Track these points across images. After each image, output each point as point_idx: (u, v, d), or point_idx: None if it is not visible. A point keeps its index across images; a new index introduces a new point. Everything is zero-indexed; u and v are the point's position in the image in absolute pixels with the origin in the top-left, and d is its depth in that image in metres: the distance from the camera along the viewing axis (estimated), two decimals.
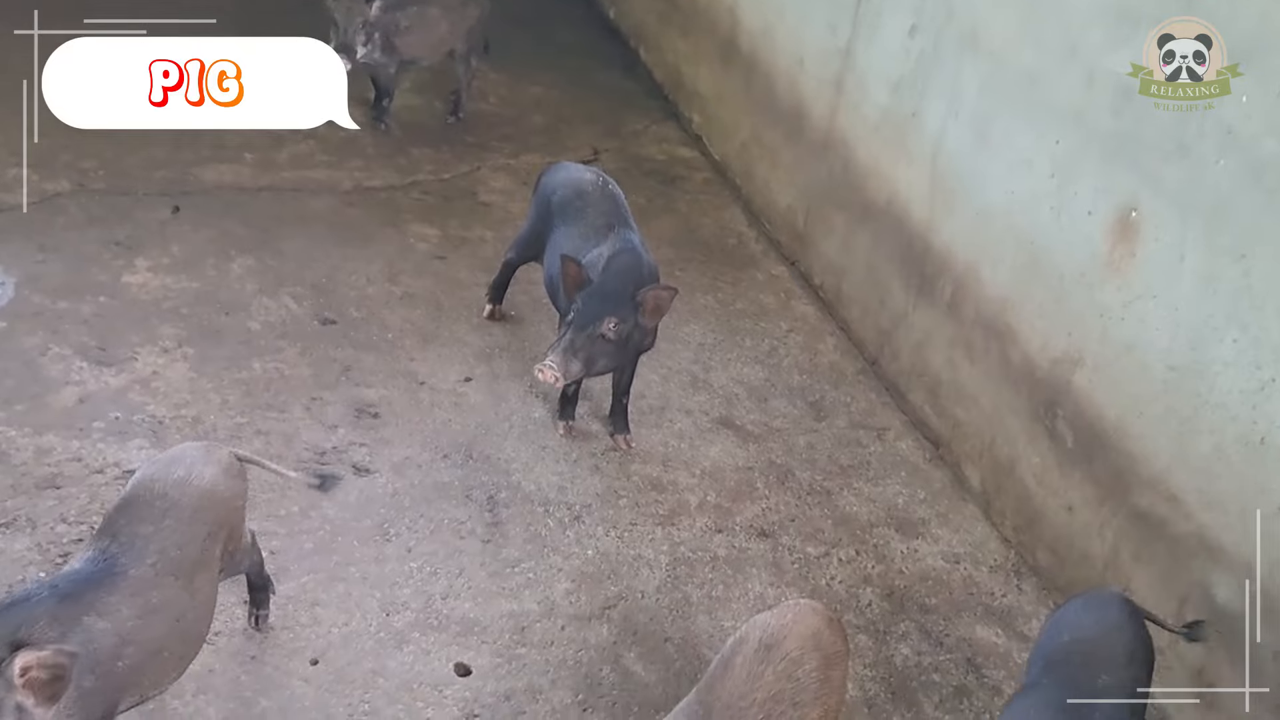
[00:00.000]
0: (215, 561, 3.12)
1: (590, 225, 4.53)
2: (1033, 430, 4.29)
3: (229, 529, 3.19)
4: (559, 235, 4.59)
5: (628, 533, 4.21)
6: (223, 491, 3.16)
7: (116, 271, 5.02)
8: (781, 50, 5.92)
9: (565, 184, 4.72)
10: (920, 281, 4.87)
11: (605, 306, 4.19)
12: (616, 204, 4.65)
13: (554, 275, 4.49)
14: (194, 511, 3.05)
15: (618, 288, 4.25)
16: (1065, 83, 4.08)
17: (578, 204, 4.61)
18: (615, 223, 4.54)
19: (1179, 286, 3.66)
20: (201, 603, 3.05)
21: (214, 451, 3.24)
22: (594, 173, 4.81)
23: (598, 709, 3.58)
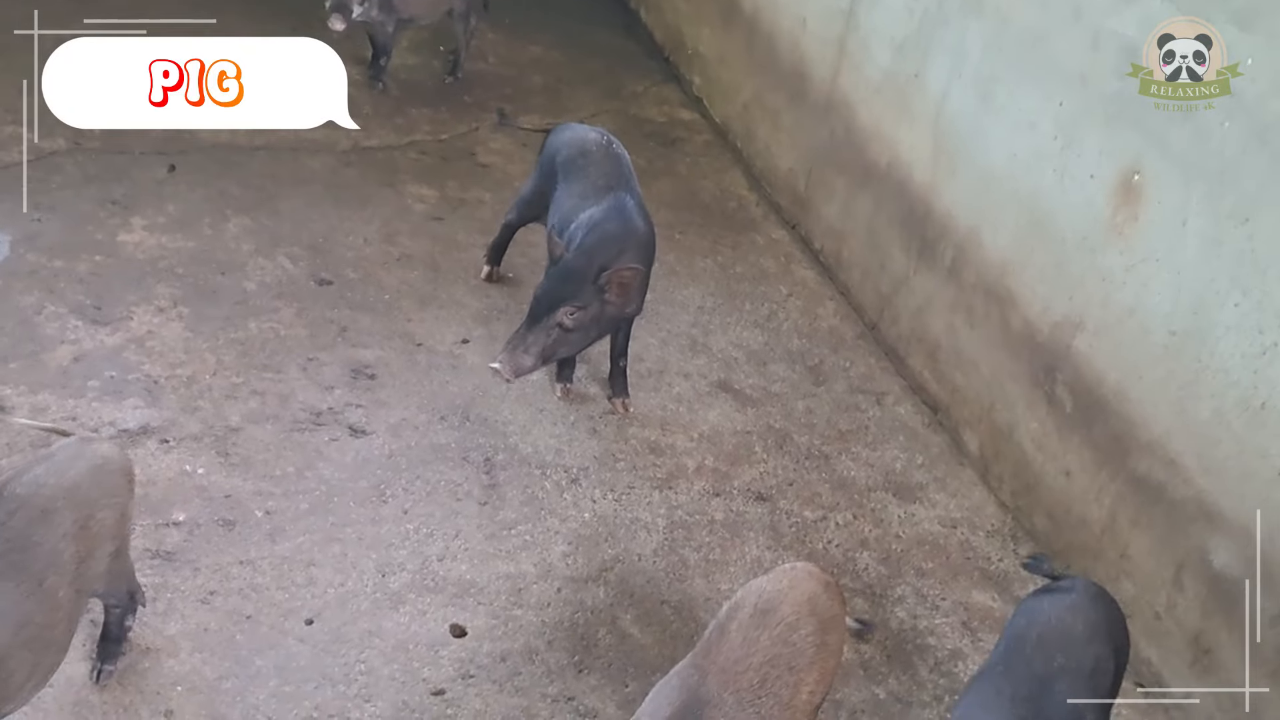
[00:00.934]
0: (73, 565, 2.82)
1: (590, 185, 4.44)
2: (1032, 395, 4.27)
3: (99, 529, 2.92)
4: (560, 194, 4.52)
5: (625, 495, 4.20)
6: (89, 489, 2.90)
7: (112, 230, 4.99)
8: (784, 10, 5.86)
9: (570, 143, 4.63)
10: (921, 245, 4.84)
11: (564, 289, 4.06)
12: (620, 164, 4.56)
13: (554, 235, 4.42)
14: (45, 511, 2.78)
15: (582, 266, 4.09)
16: (1070, 44, 4.03)
17: (580, 162, 4.53)
18: (615, 184, 4.44)
19: (1182, 250, 3.64)
20: (55, 609, 2.76)
21: (89, 446, 3.00)
22: (599, 132, 4.71)
23: (594, 670, 3.58)
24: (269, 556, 3.73)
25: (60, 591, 2.78)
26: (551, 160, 4.66)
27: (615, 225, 4.25)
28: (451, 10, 6.36)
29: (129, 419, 4.10)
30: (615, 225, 4.25)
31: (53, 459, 2.91)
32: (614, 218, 4.27)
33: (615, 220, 4.26)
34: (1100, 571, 3.97)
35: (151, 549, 3.67)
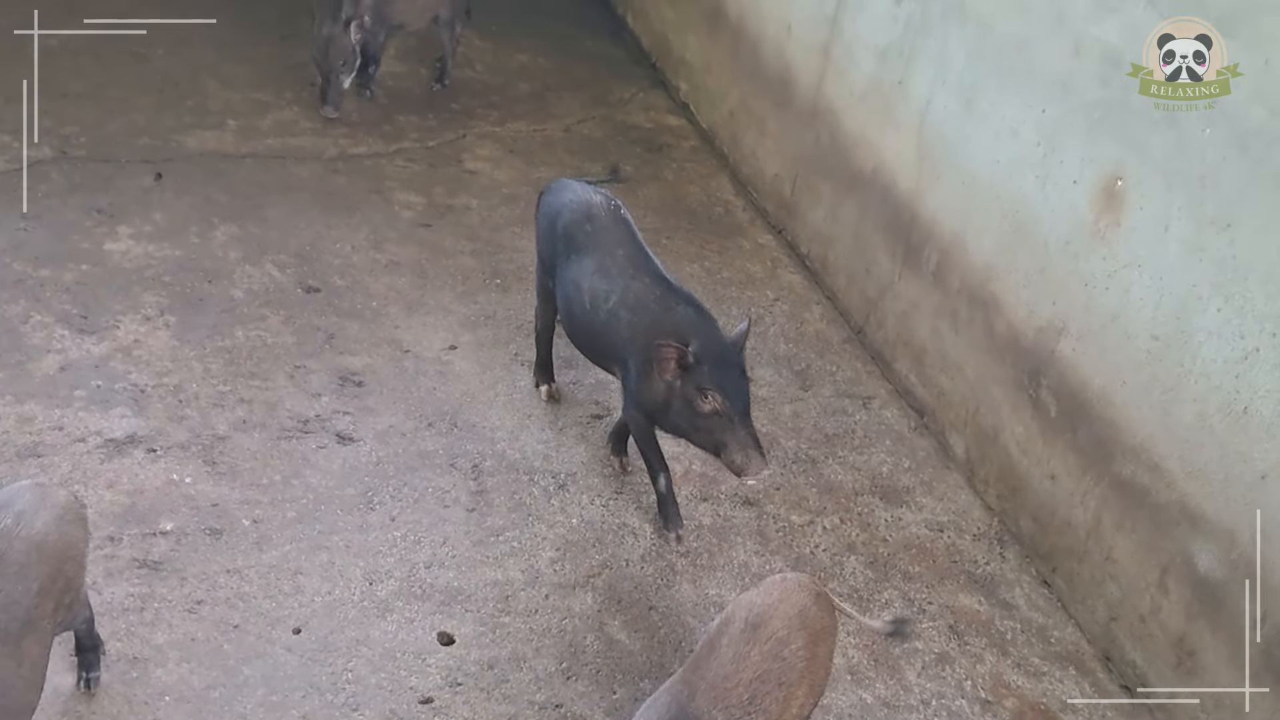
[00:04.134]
0: (48, 620, 2.79)
1: (607, 257, 4.08)
2: (1016, 399, 4.29)
3: (65, 583, 2.87)
4: (571, 268, 4.14)
5: (613, 501, 4.21)
6: (56, 542, 2.83)
7: (99, 239, 4.99)
8: (769, 17, 5.89)
9: (571, 207, 4.25)
10: (906, 251, 4.87)
11: (745, 380, 3.81)
12: (630, 231, 4.20)
13: (574, 311, 4.12)
14: (22, 566, 2.72)
15: (738, 356, 3.82)
16: (1052, 51, 4.06)
17: (587, 229, 4.16)
18: (636, 255, 4.09)
19: (1164, 256, 3.66)
20: (29, 670, 2.70)
21: (50, 494, 2.92)
22: (602, 195, 4.33)
23: (581, 677, 3.58)
24: (256, 565, 3.73)
25: (36, 652, 2.74)
26: (550, 226, 4.29)
27: (699, 311, 3.94)
28: (437, 17, 6.38)
29: (116, 428, 4.10)
30: (699, 311, 3.94)
31: (14, 508, 2.82)
32: (692, 304, 3.96)
33: (695, 307, 3.95)
34: (1085, 574, 4.00)
35: (139, 559, 3.67)
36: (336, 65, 5.92)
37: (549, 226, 4.29)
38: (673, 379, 3.75)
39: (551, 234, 4.27)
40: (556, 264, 4.24)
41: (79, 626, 3.17)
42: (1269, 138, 3.31)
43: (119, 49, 6.34)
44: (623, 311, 3.97)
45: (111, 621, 3.45)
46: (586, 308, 4.06)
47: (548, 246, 4.30)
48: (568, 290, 4.14)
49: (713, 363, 3.72)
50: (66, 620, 2.99)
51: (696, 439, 3.83)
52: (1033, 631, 4.01)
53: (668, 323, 3.86)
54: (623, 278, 4.02)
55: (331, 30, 5.84)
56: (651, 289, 3.99)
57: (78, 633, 3.21)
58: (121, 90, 6.04)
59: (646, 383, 3.87)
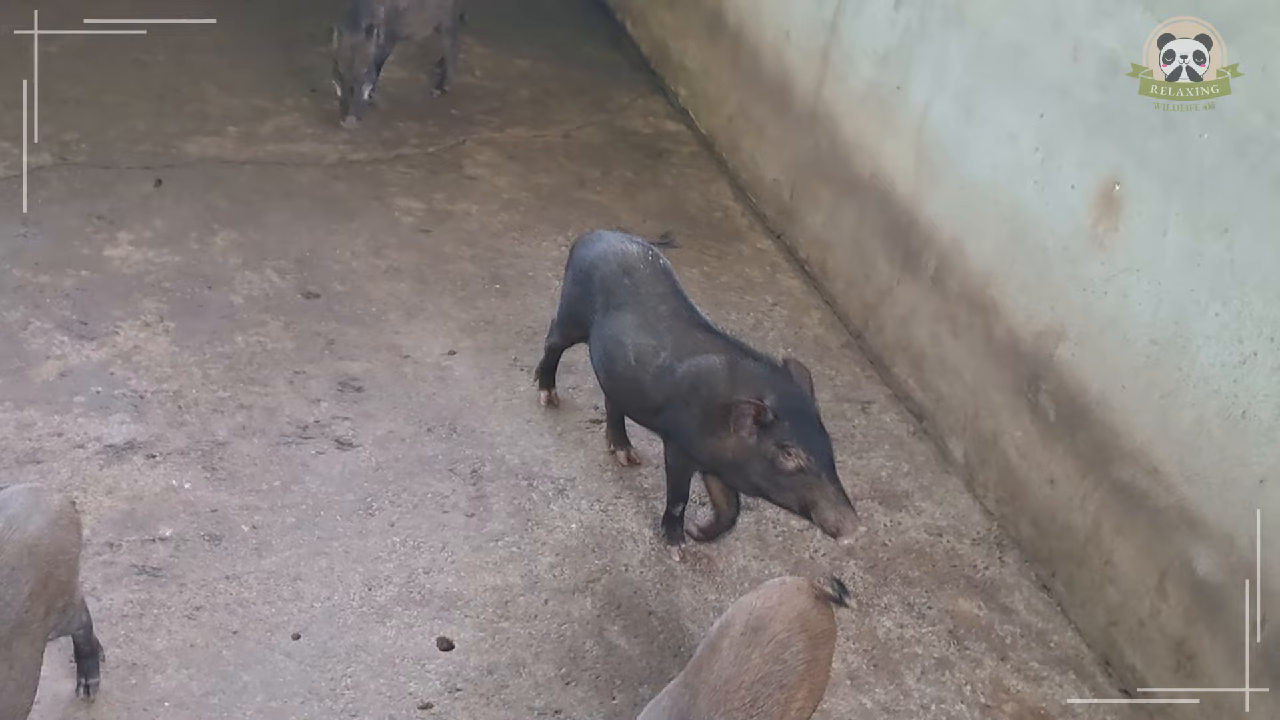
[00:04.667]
0: (40, 624, 2.79)
1: (650, 311, 3.94)
2: (1016, 404, 4.29)
3: (57, 587, 2.87)
4: (611, 322, 4.00)
5: (612, 506, 4.21)
6: (49, 545, 2.84)
7: (98, 245, 5.00)
8: (768, 23, 5.90)
9: (608, 257, 4.10)
10: (905, 256, 4.87)
11: (825, 434, 3.67)
12: (673, 283, 4.07)
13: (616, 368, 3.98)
14: (13, 569, 2.73)
15: (812, 406, 3.70)
16: (1051, 56, 4.06)
17: (626, 283, 4.02)
18: (681, 308, 3.97)
19: (1162, 260, 3.66)
20: (21, 672, 2.70)
21: (43, 497, 2.93)
22: (638, 244, 4.18)
23: (581, 682, 3.58)
24: (255, 571, 3.73)
25: (28, 654, 2.74)
26: (587, 278, 4.14)
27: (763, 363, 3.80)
28: (439, 25, 6.39)
29: (115, 434, 4.10)
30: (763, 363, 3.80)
31: (6, 511, 2.83)
32: (757, 357, 3.82)
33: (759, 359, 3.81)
34: (1084, 579, 4.00)
35: (138, 565, 3.67)
36: (360, 74, 5.88)
37: (583, 279, 4.14)
38: (748, 436, 3.59)
39: (586, 287, 4.12)
40: (592, 318, 4.08)
41: (77, 632, 3.17)
42: (1267, 143, 3.31)
43: (119, 55, 6.35)
44: (677, 366, 3.81)
45: (110, 628, 3.45)
46: (632, 363, 3.90)
47: (582, 300, 4.15)
48: (608, 346, 3.98)
49: (792, 418, 3.57)
50: (61, 625, 2.99)
51: (779, 497, 3.67)
52: (1032, 636, 4.01)
53: (735, 378, 3.70)
54: (671, 333, 3.87)
55: (354, 39, 5.82)
56: (706, 343, 3.84)
57: (76, 639, 3.20)
58: (121, 96, 6.06)
59: (715, 441, 3.70)
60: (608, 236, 4.25)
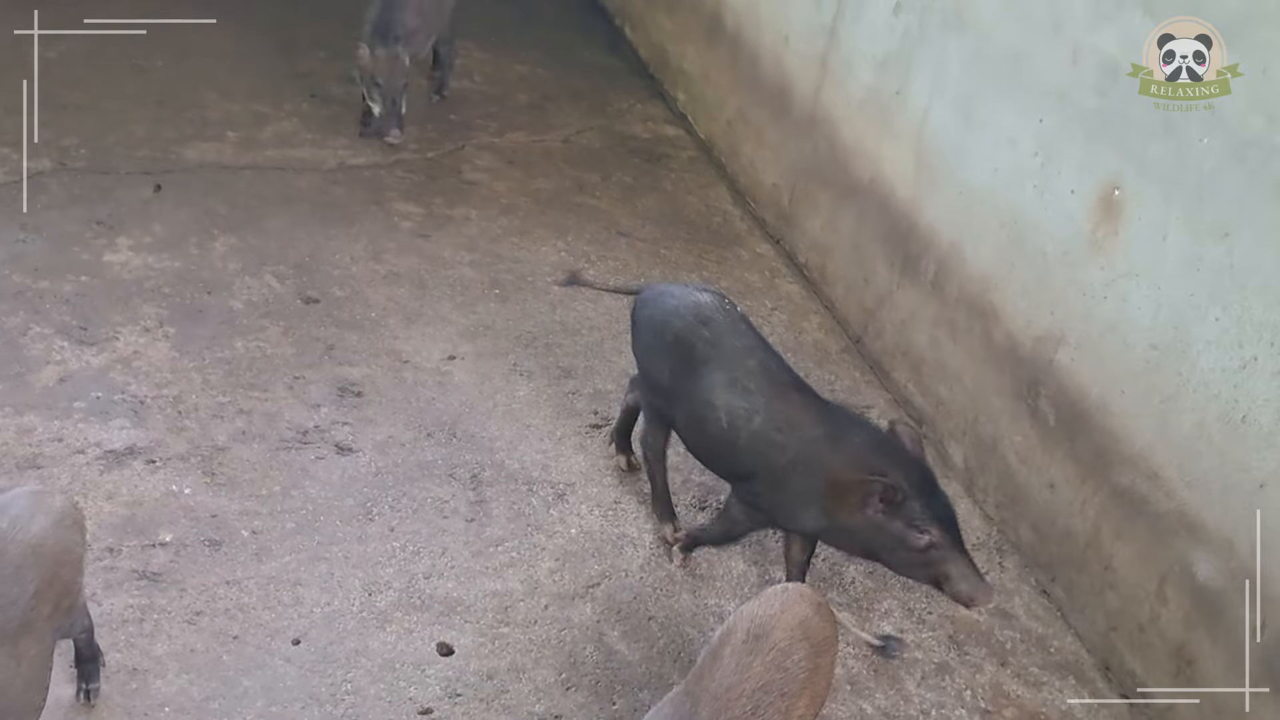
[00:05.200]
0: (45, 623, 2.79)
1: (738, 368, 3.72)
2: (1015, 409, 4.30)
3: (62, 587, 2.88)
4: (696, 384, 3.75)
5: (611, 511, 4.21)
6: (53, 546, 2.85)
7: (98, 250, 5.00)
8: (767, 27, 5.90)
9: (680, 314, 3.84)
10: (904, 260, 4.87)
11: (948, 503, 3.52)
12: (755, 333, 3.86)
13: (707, 430, 3.76)
14: (18, 569, 2.74)
15: (932, 475, 3.55)
16: (1050, 61, 4.07)
17: (705, 335, 3.77)
18: (769, 362, 3.77)
19: (1162, 265, 3.66)
20: (29, 669, 2.70)
21: (46, 499, 2.94)
22: (711, 293, 3.93)
23: (580, 687, 3.58)
24: (255, 576, 3.73)
25: (34, 653, 2.74)
26: (658, 337, 3.89)
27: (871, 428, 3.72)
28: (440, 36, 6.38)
29: (115, 439, 4.10)
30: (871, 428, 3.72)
31: (8, 510, 2.84)
32: (863, 424, 3.74)
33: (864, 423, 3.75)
34: (1084, 584, 4.00)
35: (138, 570, 3.67)
36: (400, 87, 5.80)
37: (654, 341, 3.90)
38: (874, 515, 3.45)
39: (659, 348, 3.87)
40: (672, 383, 3.83)
41: (79, 636, 3.17)
42: (1267, 147, 3.31)
43: (118, 60, 6.35)
44: (775, 434, 3.62)
45: (111, 633, 3.45)
46: (724, 427, 3.69)
47: (657, 364, 3.89)
48: (696, 409, 3.76)
49: (919, 493, 3.43)
50: (65, 626, 2.99)
51: (904, 570, 3.58)
52: (1032, 641, 4.01)
53: (843, 452, 3.54)
54: (763, 394, 3.66)
55: (390, 51, 5.73)
56: (804, 408, 3.65)
57: (77, 643, 3.20)
58: (120, 102, 6.05)
59: (826, 516, 3.56)
60: (674, 290, 3.99)
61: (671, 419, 3.96)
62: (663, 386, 3.90)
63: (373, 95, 5.80)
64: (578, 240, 5.62)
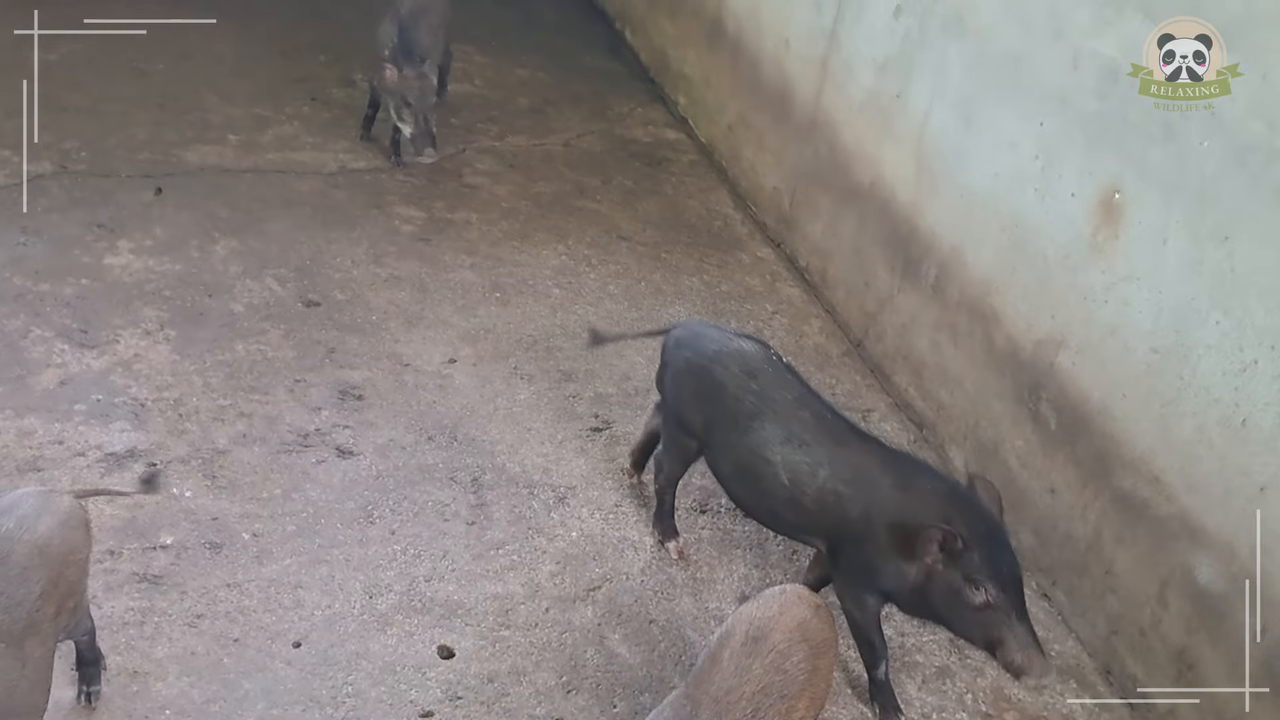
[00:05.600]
0: (50, 624, 2.80)
1: (792, 421, 3.58)
2: (1016, 413, 4.30)
3: (67, 587, 2.88)
4: (744, 436, 3.63)
5: (612, 514, 4.21)
6: (59, 546, 2.85)
7: (99, 253, 5.00)
8: (767, 31, 5.91)
9: (722, 362, 3.71)
10: (905, 264, 4.87)
11: (1016, 563, 3.33)
12: (803, 384, 3.71)
13: (764, 487, 3.62)
14: (24, 569, 2.75)
15: (1004, 534, 3.36)
16: (1050, 64, 4.07)
17: (754, 388, 3.64)
18: (824, 413, 3.61)
19: (1162, 269, 3.67)
20: (34, 671, 2.70)
21: (52, 500, 2.94)
22: (753, 342, 3.80)
23: (581, 690, 3.58)
24: (256, 579, 3.73)
25: (40, 654, 2.74)
26: (695, 383, 3.78)
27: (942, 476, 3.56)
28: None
29: (116, 442, 4.10)
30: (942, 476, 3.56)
31: (15, 511, 2.84)
32: (932, 473, 3.57)
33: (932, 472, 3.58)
34: (1085, 588, 4.00)
35: (139, 573, 3.67)
36: (430, 104, 5.72)
37: (692, 384, 3.78)
38: (933, 563, 3.30)
39: (697, 393, 3.76)
40: (710, 430, 3.74)
41: (80, 639, 3.16)
42: (1267, 151, 3.32)
43: (119, 63, 6.36)
44: (841, 487, 3.49)
45: (112, 635, 3.45)
46: (785, 484, 3.55)
47: (691, 407, 3.79)
48: (746, 461, 3.63)
49: (983, 547, 3.26)
50: (69, 627, 2.99)
51: (959, 629, 3.39)
52: None
53: (912, 499, 3.40)
54: (824, 446, 3.53)
55: (419, 70, 5.66)
56: (869, 456, 3.52)
57: (79, 646, 3.20)
58: (121, 104, 6.06)
59: (890, 565, 3.41)
60: (713, 334, 3.83)
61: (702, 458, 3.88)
62: (695, 430, 3.81)
63: (403, 116, 5.68)
64: (578, 244, 5.62)
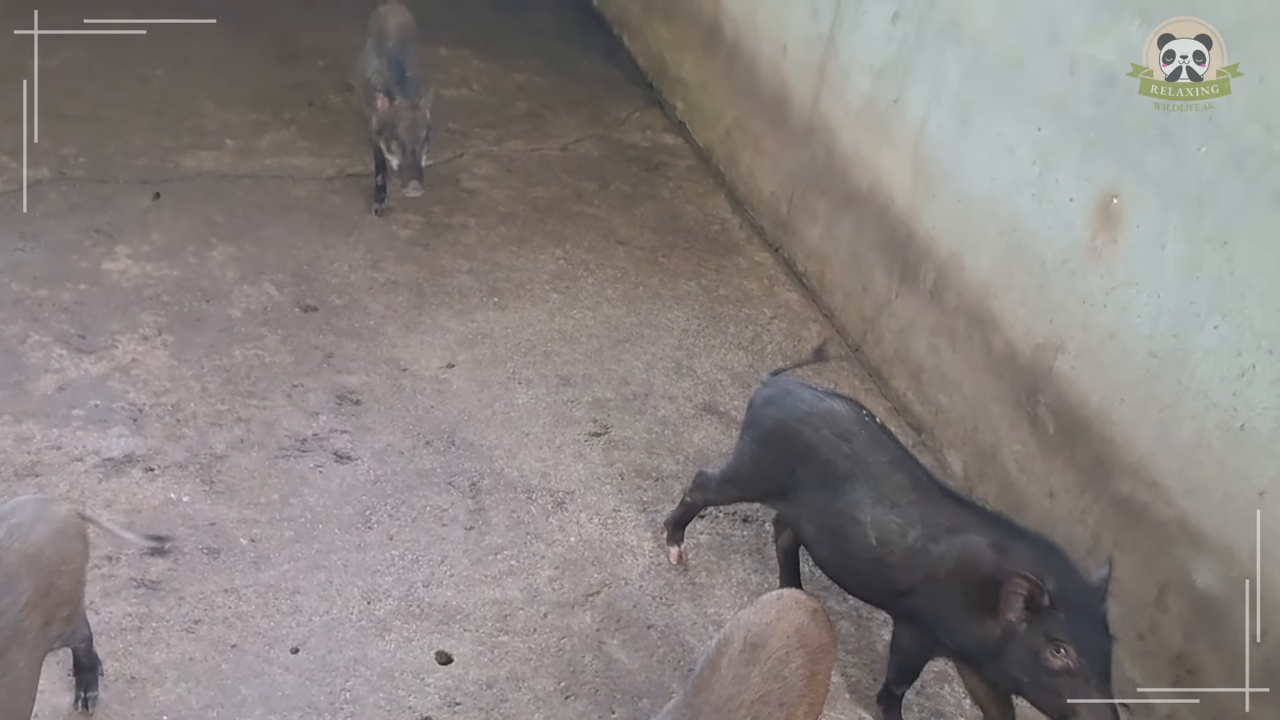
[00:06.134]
0: (38, 634, 2.77)
1: (885, 483, 3.46)
2: (1015, 417, 4.29)
3: (59, 597, 2.86)
4: (834, 498, 3.51)
5: (611, 519, 4.21)
6: (51, 555, 2.82)
7: (97, 259, 5.00)
8: (764, 36, 5.91)
9: (813, 423, 3.61)
10: (903, 268, 4.87)
11: (1107, 638, 3.15)
12: (897, 444, 3.60)
13: (851, 548, 3.49)
14: (10, 578, 2.72)
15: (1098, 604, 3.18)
16: (1047, 70, 4.07)
17: (845, 450, 3.53)
18: (917, 474, 3.50)
19: (1161, 273, 3.67)
20: (16, 680, 2.67)
21: (49, 509, 2.92)
22: (845, 403, 3.68)
23: (580, 696, 3.57)
24: (254, 585, 3.72)
25: (23, 663, 2.71)
26: (783, 442, 3.66)
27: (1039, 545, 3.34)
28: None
29: (114, 447, 4.09)
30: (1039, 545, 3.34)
31: (10, 520, 2.82)
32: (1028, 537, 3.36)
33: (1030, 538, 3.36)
34: None
35: (136, 578, 3.67)
36: (421, 137, 5.29)
37: (778, 444, 3.68)
38: (1017, 620, 3.10)
39: (784, 451, 3.65)
40: (797, 490, 3.63)
41: (78, 645, 3.16)
42: (1265, 155, 3.32)
43: (117, 69, 6.37)
44: (931, 546, 3.34)
45: (109, 641, 3.45)
46: (873, 544, 3.43)
47: (777, 466, 3.68)
48: (836, 524, 3.52)
49: (1071, 610, 3.07)
50: (64, 636, 2.98)
51: (1034, 695, 3.18)
52: None
53: (1011, 559, 3.20)
54: (917, 506, 3.41)
55: (412, 100, 5.31)
56: (966, 517, 3.39)
57: (76, 652, 3.19)
58: (119, 110, 6.06)
59: (975, 623, 3.23)
60: (801, 393, 3.72)
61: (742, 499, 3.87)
62: (771, 488, 3.73)
63: (390, 148, 5.31)
64: (576, 248, 5.62)
